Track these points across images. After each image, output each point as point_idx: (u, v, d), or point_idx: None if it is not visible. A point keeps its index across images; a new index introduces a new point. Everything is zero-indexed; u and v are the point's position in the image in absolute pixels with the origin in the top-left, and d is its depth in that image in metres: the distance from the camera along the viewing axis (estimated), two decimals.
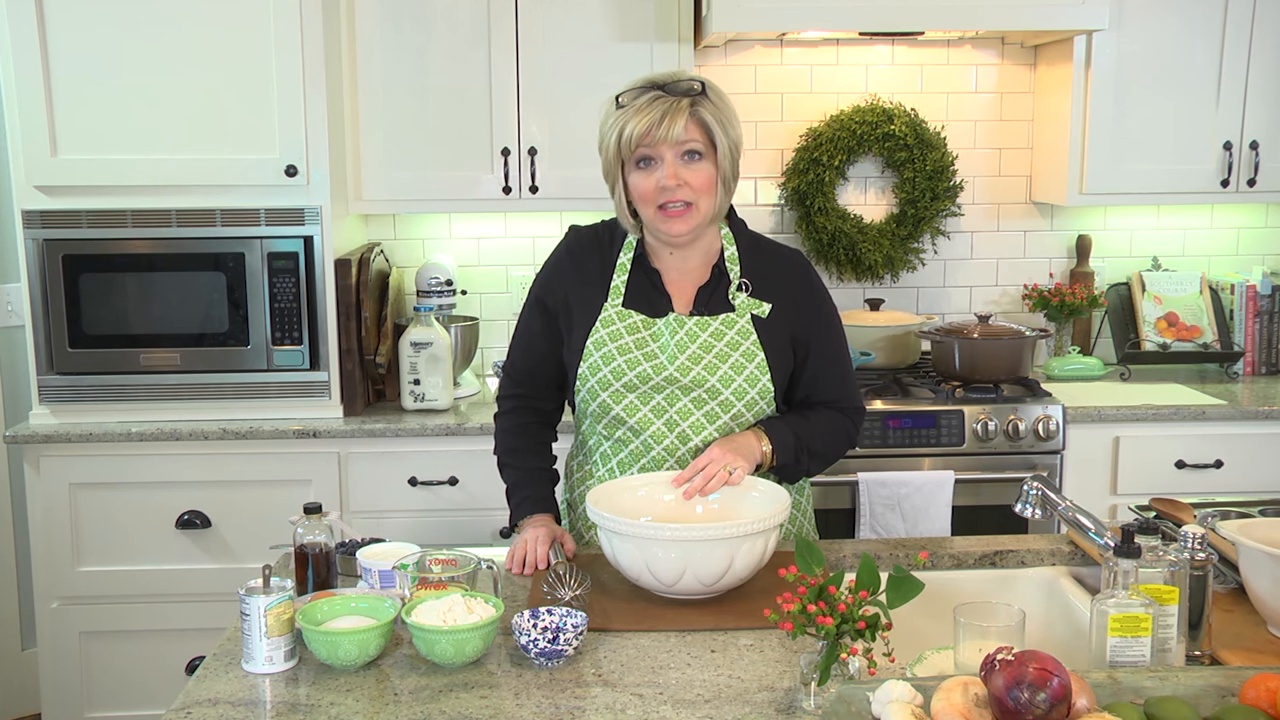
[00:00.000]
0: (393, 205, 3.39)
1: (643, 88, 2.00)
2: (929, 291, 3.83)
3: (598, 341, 2.08)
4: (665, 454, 2.08)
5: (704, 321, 2.08)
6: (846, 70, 3.71)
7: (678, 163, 1.98)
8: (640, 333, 2.08)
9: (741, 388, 2.06)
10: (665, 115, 1.95)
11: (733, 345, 2.07)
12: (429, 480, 3.16)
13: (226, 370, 3.14)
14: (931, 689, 1.35)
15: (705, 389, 2.05)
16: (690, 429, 2.07)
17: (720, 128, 2.00)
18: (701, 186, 2.00)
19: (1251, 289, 3.67)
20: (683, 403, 2.07)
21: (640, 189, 2.01)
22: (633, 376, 2.06)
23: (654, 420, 2.07)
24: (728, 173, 2.03)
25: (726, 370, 2.05)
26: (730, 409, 2.07)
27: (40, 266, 3.07)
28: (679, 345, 2.06)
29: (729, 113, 2.03)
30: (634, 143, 1.97)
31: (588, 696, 1.56)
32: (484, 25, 3.27)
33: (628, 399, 2.07)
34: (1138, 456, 3.25)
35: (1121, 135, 3.44)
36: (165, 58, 3.03)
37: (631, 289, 2.12)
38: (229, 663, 1.68)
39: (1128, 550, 1.57)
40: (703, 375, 2.05)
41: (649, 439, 2.08)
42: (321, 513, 1.88)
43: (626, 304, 2.11)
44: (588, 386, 2.09)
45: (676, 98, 1.97)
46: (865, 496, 3.11)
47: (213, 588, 3.13)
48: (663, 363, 2.06)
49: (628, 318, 2.10)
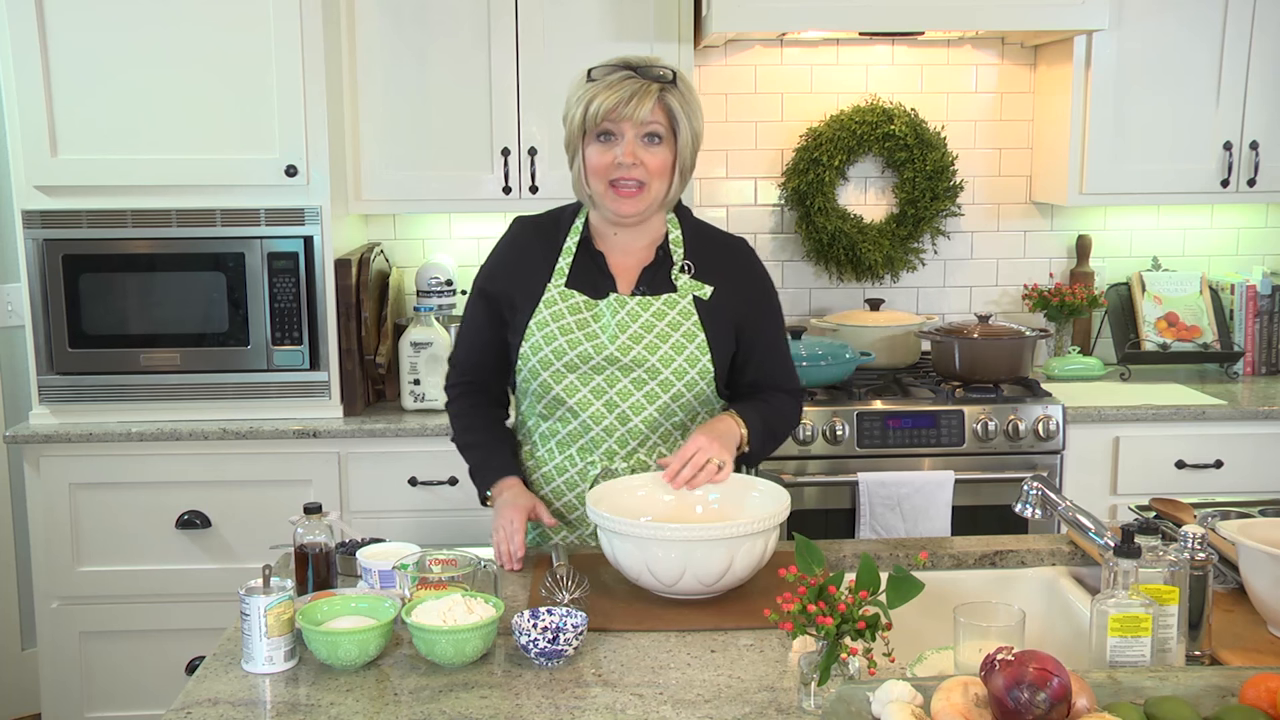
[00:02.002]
0: (393, 205, 3.39)
1: (616, 65, 2.05)
2: (929, 291, 3.83)
3: (540, 322, 2.11)
4: (604, 434, 2.10)
5: (646, 301, 2.11)
6: (846, 70, 3.71)
7: (638, 142, 2.03)
8: (582, 313, 2.11)
9: (681, 367, 2.08)
10: (634, 95, 2.00)
11: (674, 325, 2.09)
12: (429, 480, 3.16)
13: (226, 370, 3.14)
14: (931, 689, 1.35)
15: (645, 369, 2.08)
16: (630, 409, 2.09)
17: (685, 117, 2.05)
18: (656, 169, 2.04)
19: (1251, 289, 3.67)
20: (623, 383, 2.09)
21: (596, 163, 2.05)
22: (573, 356, 2.08)
23: (594, 401, 2.09)
24: (685, 162, 2.08)
25: (667, 350, 2.08)
26: (670, 388, 2.09)
27: (40, 266, 3.07)
28: (620, 325, 2.09)
29: (695, 106, 2.08)
30: (599, 116, 2.01)
31: (588, 696, 1.56)
32: (484, 25, 3.27)
33: (568, 379, 2.09)
34: (1138, 456, 3.25)
35: (1121, 135, 3.44)
36: (165, 58, 3.03)
37: (576, 270, 2.15)
38: (229, 663, 1.68)
39: (1128, 550, 1.57)
40: (643, 355, 2.08)
41: (588, 419, 2.10)
42: (321, 513, 1.88)
43: (570, 284, 2.14)
44: (529, 366, 2.11)
45: (648, 81, 2.02)
46: (865, 496, 3.11)
47: (213, 588, 3.12)
48: (603, 342, 2.08)
49: (570, 298, 2.12)
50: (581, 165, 2.08)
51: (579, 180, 2.11)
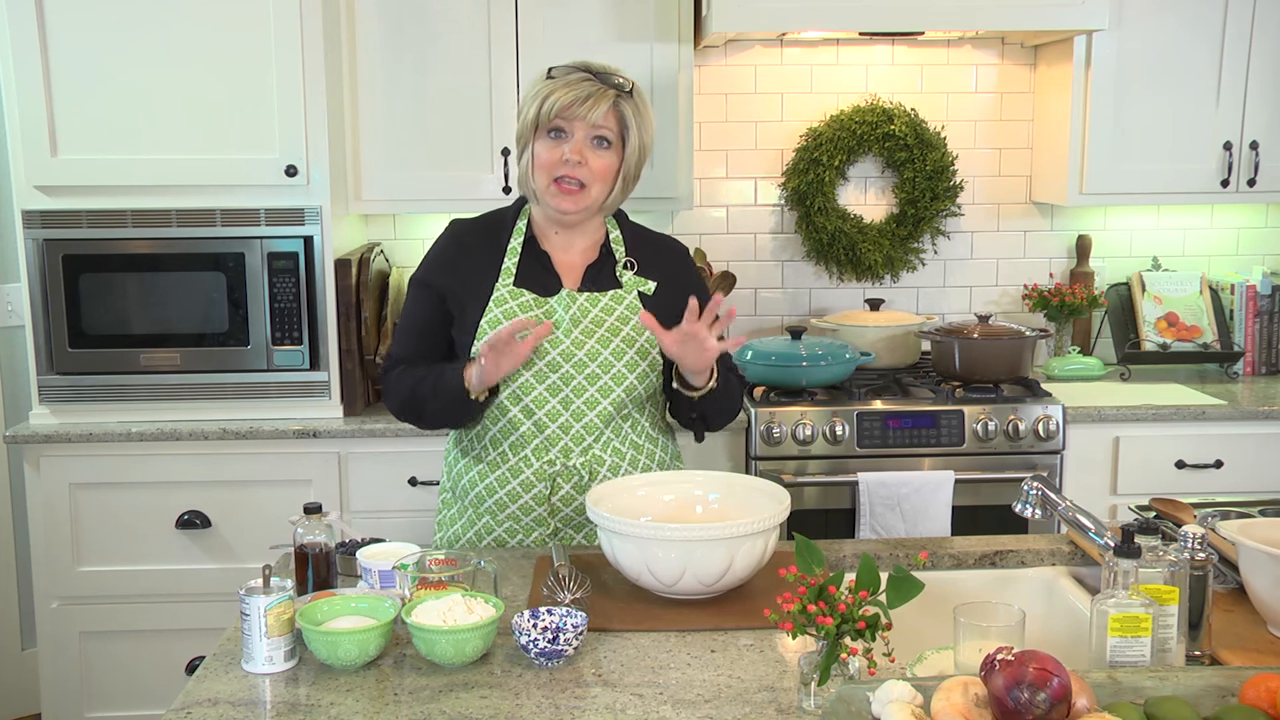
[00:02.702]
0: (393, 205, 3.39)
1: (577, 67, 2.10)
2: (929, 291, 3.83)
3: (492, 321, 2.12)
4: (560, 431, 2.12)
5: (594, 298, 2.15)
6: (846, 70, 3.71)
7: (586, 143, 2.08)
8: (533, 310, 2.13)
9: (633, 360, 2.13)
10: (590, 96, 2.05)
11: (622, 320, 2.15)
12: (429, 480, 3.16)
13: (226, 370, 3.14)
14: (931, 689, 1.35)
15: (599, 363, 2.11)
16: (585, 404, 2.12)
17: (636, 127, 2.10)
18: (600, 172, 2.09)
19: (1251, 289, 3.67)
20: (578, 380, 2.11)
21: (543, 158, 2.09)
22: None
23: (549, 399, 2.11)
24: (630, 171, 2.14)
25: (618, 343, 2.12)
26: (623, 381, 2.12)
27: (40, 266, 3.07)
28: (573, 319, 2.12)
29: (647, 119, 2.14)
30: (553, 113, 2.06)
31: (588, 696, 1.56)
32: (484, 25, 3.27)
33: (524, 377, 2.11)
34: (1138, 456, 3.25)
35: (1121, 135, 3.44)
36: (165, 58, 3.03)
37: (522, 270, 2.18)
38: (229, 663, 1.68)
39: (1128, 550, 1.57)
40: (596, 349, 2.11)
41: (543, 417, 2.11)
42: (321, 513, 1.88)
43: (518, 283, 2.16)
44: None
45: (605, 86, 2.07)
46: (865, 496, 3.11)
47: (213, 588, 3.13)
48: (558, 337, 2.11)
49: (519, 296, 2.15)
50: (530, 159, 2.12)
51: (525, 174, 2.15)
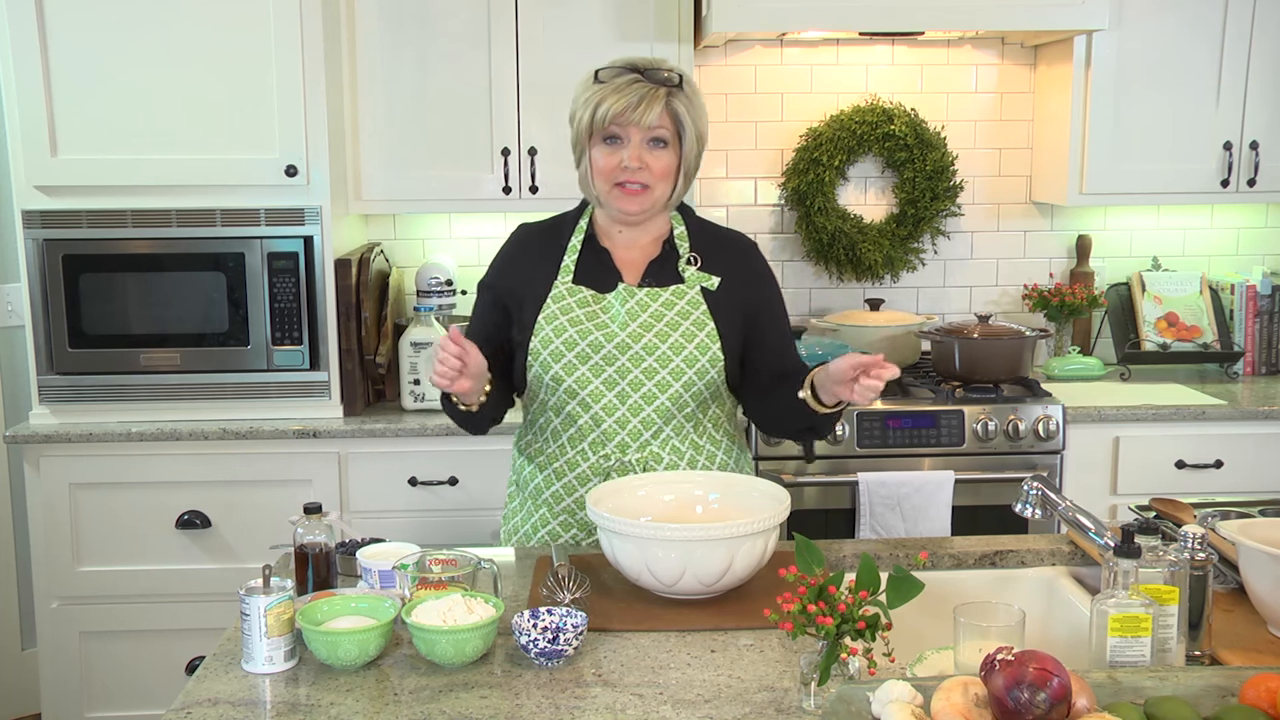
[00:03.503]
0: (393, 205, 3.39)
1: (624, 68, 2.07)
2: (929, 291, 3.83)
3: (549, 316, 2.12)
4: (617, 426, 2.10)
5: (654, 292, 2.13)
6: (846, 70, 3.71)
7: (643, 146, 2.05)
8: (590, 305, 2.13)
9: (692, 354, 2.09)
10: (641, 100, 2.02)
11: (683, 314, 2.12)
12: (429, 480, 3.16)
13: (226, 370, 3.14)
14: (931, 689, 1.35)
15: (656, 357, 2.09)
16: (643, 399, 2.09)
17: (690, 121, 2.07)
18: (661, 172, 2.07)
19: (1251, 289, 3.67)
20: (634, 373, 2.09)
21: (601, 164, 2.08)
22: (584, 346, 2.08)
23: (606, 392, 2.09)
24: (690, 164, 2.11)
25: (677, 338, 2.09)
26: (681, 376, 2.09)
27: (40, 266, 3.07)
28: (630, 313, 2.10)
29: (700, 109, 2.10)
30: (607, 120, 2.04)
31: (588, 696, 1.56)
32: (484, 26, 3.27)
33: (580, 370, 2.09)
34: (1138, 456, 3.25)
35: (1121, 135, 3.44)
36: (165, 58, 3.03)
37: (581, 267, 2.17)
38: (229, 663, 1.68)
39: (1128, 550, 1.57)
40: (654, 343, 2.09)
41: (600, 411, 2.10)
42: (321, 513, 1.88)
43: (576, 280, 2.15)
44: (540, 360, 2.11)
45: (655, 85, 2.04)
46: (865, 496, 3.11)
47: (213, 588, 3.13)
48: (613, 330, 2.09)
49: (578, 293, 2.14)
50: (589, 166, 2.11)
51: (585, 179, 2.13)
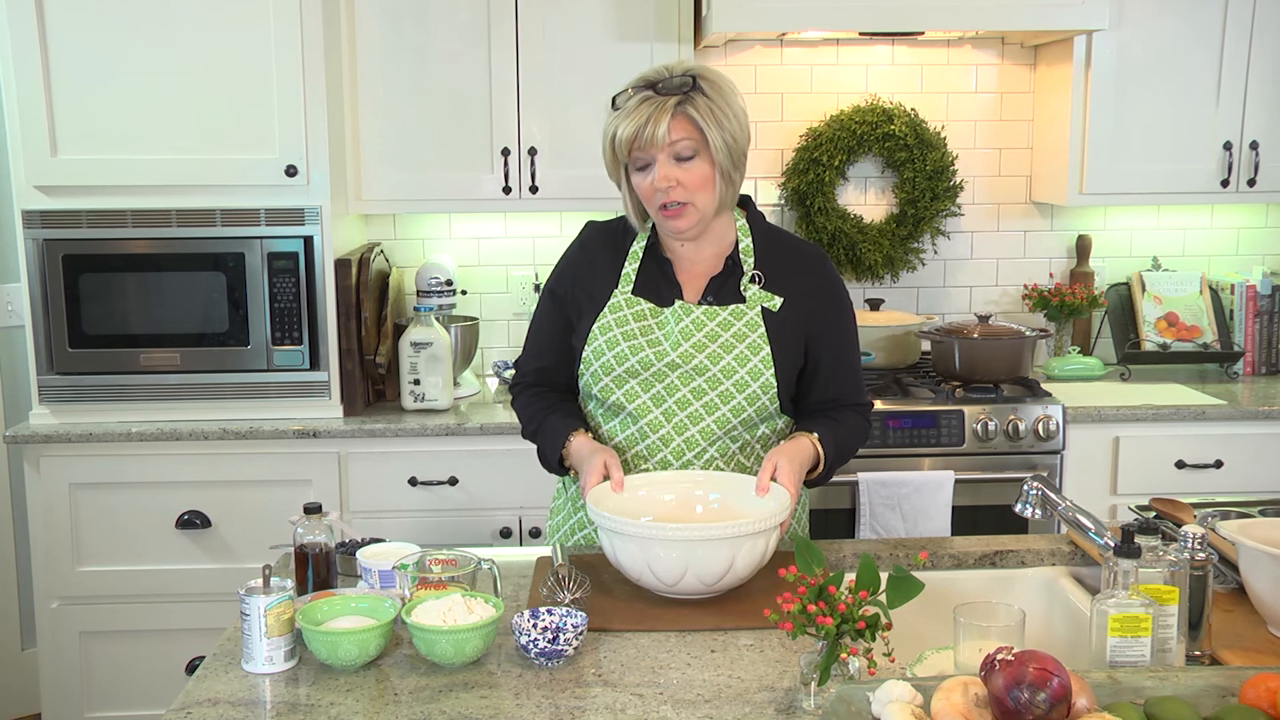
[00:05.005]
0: (393, 205, 3.39)
1: (637, 86, 2.01)
2: (929, 291, 3.83)
3: (604, 327, 2.09)
4: (660, 443, 2.07)
5: (712, 311, 2.08)
6: (846, 70, 3.71)
7: (669, 164, 1.98)
8: (646, 320, 2.09)
9: (743, 380, 2.05)
10: (650, 119, 1.95)
11: (739, 336, 2.06)
12: (429, 480, 3.16)
13: (226, 370, 3.14)
14: (931, 689, 1.35)
15: (706, 378, 2.05)
16: (688, 418, 2.06)
17: (712, 123, 1.97)
18: (695, 185, 2.00)
19: (1251, 289, 3.67)
20: (682, 392, 2.06)
21: (642, 190, 2.04)
22: (635, 362, 2.06)
23: (652, 408, 2.07)
24: (727, 166, 2.00)
25: (730, 361, 2.05)
26: (730, 400, 2.05)
27: (40, 266, 3.07)
28: (683, 333, 2.06)
29: (723, 106, 1.99)
30: (625, 147, 1.99)
31: (588, 696, 1.56)
32: (484, 25, 3.27)
33: (629, 384, 2.08)
34: (1138, 456, 3.25)
35: (1121, 135, 3.44)
36: (165, 58, 3.03)
37: (642, 277, 2.13)
38: (229, 663, 1.68)
39: (1128, 550, 1.57)
40: (705, 364, 2.05)
41: (645, 426, 2.08)
42: (321, 513, 1.88)
43: (636, 291, 2.12)
44: (591, 371, 2.10)
45: (664, 97, 1.96)
46: (865, 496, 3.11)
47: (213, 588, 3.12)
48: (665, 349, 2.06)
49: (635, 305, 2.10)
50: (629, 193, 2.08)
51: (628, 206, 2.10)
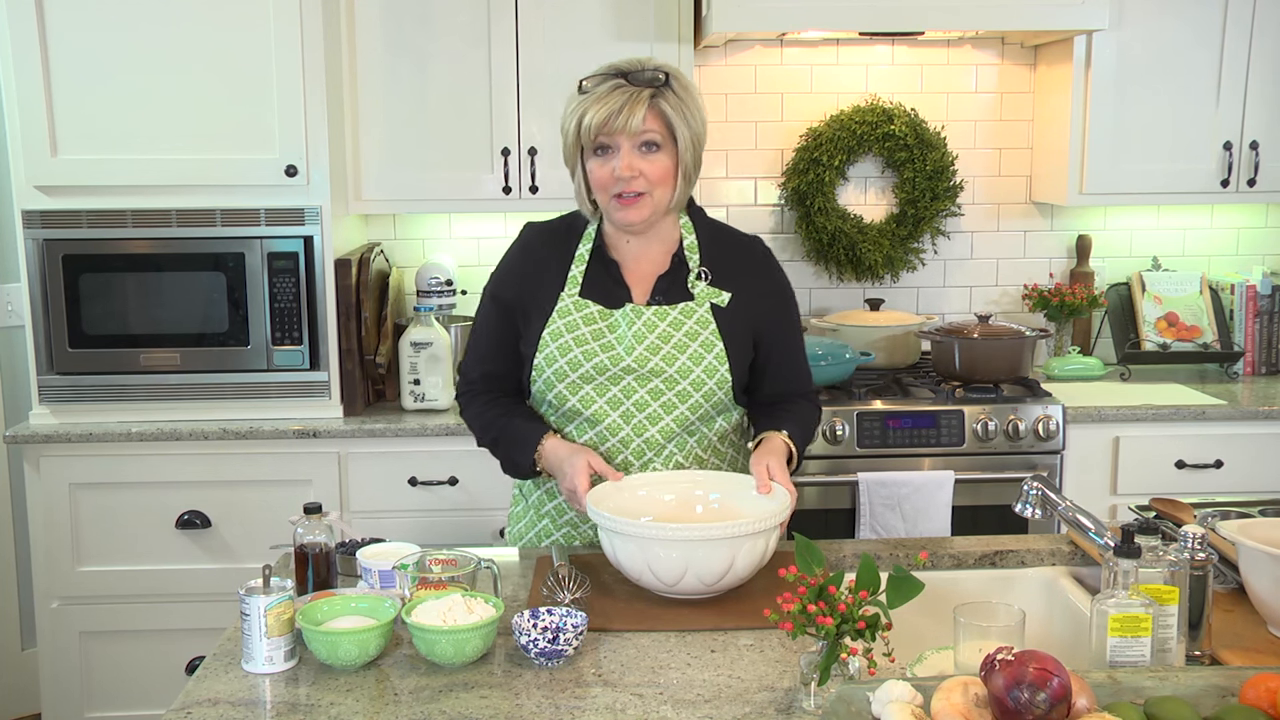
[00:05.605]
0: (393, 205, 3.39)
1: (607, 74, 2.00)
2: (929, 291, 3.83)
3: (554, 333, 2.08)
4: (620, 445, 2.07)
5: (662, 311, 2.08)
6: (846, 70, 3.71)
7: (634, 153, 1.98)
8: (597, 323, 2.08)
9: (699, 378, 2.05)
10: (624, 106, 1.95)
11: (691, 335, 2.06)
12: (429, 480, 3.16)
13: (226, 370, 3.14)
14: (931, 689, 1.35)
15: (662, 379, 2.05)
16: (647, 420, 2.06)
17: (682, 120, 1.99)
18: (657, 178, 2.00)
19: (1251, 289, 3.67)
20: (639, 394, 2.06)
21: (597, 177, 2.02)
22: (589, 368, 2.05)
23: (610, 412, 2.07)
24: (688, 165, 2.03)
25: (684, 361, 2.05)
26: (687, 399, 2.06)
27: (40, 266, 3.07)
28: (636, 335, 2.05)
29: (692, 105, 2.02)
30: (593, 131, 1.98)
31: (588, 696, 1.56)
32: (484, 26, 3.27)
33: (584, 390, 2.07)
34: (1138, 456, 3.25)
35: (1121, 135, 3.44)
36: (165, 58, 3.03)
37: (589, 279, 2.11)
38: (229, 663, 1.68)
39: (1128, 550, 1.57)
40: (660, 365, 2.05)
41: (604, 430, 2.07)
42: (321, 513, 1.88)
43: (583, 294, 2.10)
44: (544, 378, 2.08)
45: (638, 88, 1.97)
46: (865, 496, 3.11)
47: (213, 588, 3.13)
48: (620, 353, 2.05)
49: (584, 308, 2.09)
50: (583, 179, 2.06)
51: (580, 193, 2.08)
